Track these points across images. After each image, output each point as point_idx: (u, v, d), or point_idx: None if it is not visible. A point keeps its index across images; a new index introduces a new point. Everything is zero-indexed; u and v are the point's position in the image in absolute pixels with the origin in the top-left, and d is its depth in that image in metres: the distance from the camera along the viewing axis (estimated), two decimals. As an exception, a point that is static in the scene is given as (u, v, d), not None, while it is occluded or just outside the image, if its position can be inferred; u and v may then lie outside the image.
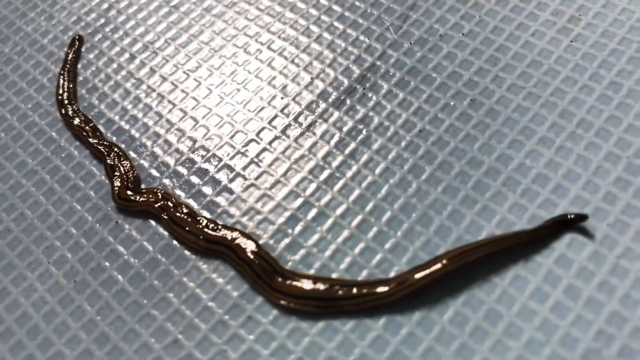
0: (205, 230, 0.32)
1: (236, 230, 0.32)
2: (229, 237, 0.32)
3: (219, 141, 0.36)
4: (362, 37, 0.39)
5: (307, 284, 0.30)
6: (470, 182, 0.32)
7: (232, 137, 0.36)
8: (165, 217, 0.33)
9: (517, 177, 0.32)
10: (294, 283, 0.30)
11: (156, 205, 0.34)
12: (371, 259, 0.31)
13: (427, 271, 0.29)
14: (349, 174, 0.34)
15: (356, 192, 0.33)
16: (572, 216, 0.29)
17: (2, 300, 0.33)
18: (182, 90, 0.39)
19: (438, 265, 0.29)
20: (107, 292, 0.32)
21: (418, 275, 0.29)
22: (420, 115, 0.35)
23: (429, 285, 0.29)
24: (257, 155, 0.35)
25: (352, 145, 0.35)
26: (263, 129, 0.36)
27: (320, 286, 0.30)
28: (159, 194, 0.34)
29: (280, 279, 0.30)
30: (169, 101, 0.39)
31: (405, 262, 0.30)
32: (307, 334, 0.29)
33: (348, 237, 0.32)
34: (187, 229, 0.33)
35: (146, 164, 0.36)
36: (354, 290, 0.29)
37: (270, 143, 0.36)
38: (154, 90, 0.39)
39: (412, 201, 0.32)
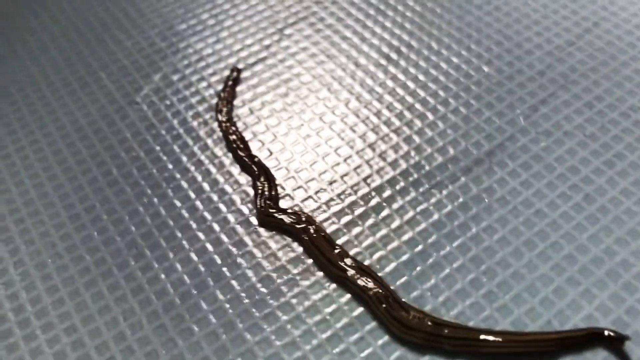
0: (343, 260, 0.36)
1: (365, 266, 0.36)
2: (360, 273, 0.36)
3: (358, 187, 0.41)
4: (494, 118, 0.43)
5: (423, 320, 0.33)
6: (576, 265, 0.35)
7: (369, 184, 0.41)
8: (305, 238, 0.38)
9: None
10: (414, 317, 0.34)
11: (298, 227, 0.38)
12: (479, 313, 0.34)
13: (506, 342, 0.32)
14: (469, 234, 0.38)
15: (472, 251, 0.37)
16: (612, 334, 0.31)
17: (145, 273, 0.38)
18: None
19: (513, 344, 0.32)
20: (240, 286, 0.37)
21: (507, 340, 0.32)
22: (538, 197, 0.39)
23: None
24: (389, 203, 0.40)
25: (474, 210, 0.39)
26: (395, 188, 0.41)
27: (431, 322, 0.33)
28: (302, 217, 0.39)
29: (404, 313, 0.34)
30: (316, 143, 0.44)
31: (508, 323, 0.34)
32: (412, 363, 0.33)
33: (460, 289, 0.35)
34: (326, 256, 0.37)
35: (287, 187, 0.41)
36: (459, 334, 0.33)
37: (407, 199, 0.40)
38: (303, 124, 0.45)
39: (522, 271, 0.36)
